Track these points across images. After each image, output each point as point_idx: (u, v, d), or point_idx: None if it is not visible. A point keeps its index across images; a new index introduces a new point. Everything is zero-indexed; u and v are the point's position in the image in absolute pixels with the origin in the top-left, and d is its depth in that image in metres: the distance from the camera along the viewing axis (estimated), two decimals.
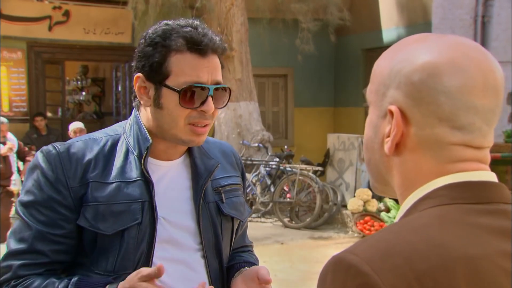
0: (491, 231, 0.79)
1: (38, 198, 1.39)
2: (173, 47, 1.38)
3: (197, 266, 1.49)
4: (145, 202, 1.42)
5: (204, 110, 1.40)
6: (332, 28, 9.83)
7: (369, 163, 0.93)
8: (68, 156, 1.42)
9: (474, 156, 0.84)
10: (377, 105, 0.89)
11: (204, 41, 1.39)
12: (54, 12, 10.60)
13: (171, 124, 1.41)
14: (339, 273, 0.77)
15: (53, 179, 1.39)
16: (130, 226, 1.40)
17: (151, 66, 1.40)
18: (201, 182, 1.50)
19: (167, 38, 1.39)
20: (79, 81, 15.29)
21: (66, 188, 1.39)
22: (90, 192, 1.40)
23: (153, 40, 1.40)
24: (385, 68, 0.88)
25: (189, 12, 8.90)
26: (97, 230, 1.39)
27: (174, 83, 1.39)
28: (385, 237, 0.79)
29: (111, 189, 1.41)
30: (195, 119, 1.41)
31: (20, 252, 1.38)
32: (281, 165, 8.55)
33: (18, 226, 1.41)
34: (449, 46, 0.84)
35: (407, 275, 0.74)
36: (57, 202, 1.39)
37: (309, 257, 6.58)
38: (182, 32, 1.39)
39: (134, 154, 1.45)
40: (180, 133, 1.42)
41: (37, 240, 1.38)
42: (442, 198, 0.82)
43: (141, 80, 1.43)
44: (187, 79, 1.38)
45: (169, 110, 1.40)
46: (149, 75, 1.41)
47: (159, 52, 1.39)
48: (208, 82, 1.40)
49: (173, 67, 1.38)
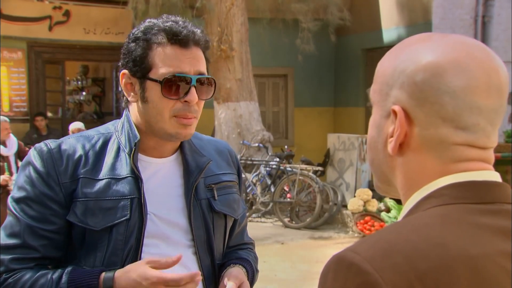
0: (493, 231, 0.79)
1: (30, 194, 1.41)
2: (154, 40, 1.42)
3: (189, 263, 1.50)
4: (134, 198, 1.43)
5: (188, 101, 1.42)
6: (332, 28, 9.83)
7: (372, 163, 0.93)
8: (59, 152, 1.44)
9: (478, 156, 0.84)
10: (381, 105, 0.89)
11: (183, 32, 1.42)
12: (54, 12, 10.61)
13: (157, 117, 1.43)
14: (340, 271, 0.77)
15: (44, 174, 1.41)
16: (118, 222, 1.41)
17: (134, 61, 1.43)
18: (192, 179, 1.51)
19: (148, 33, 1.43)
20: (79, 81, 15.28)
21: (57, 184, 1.41)
22: (80, 188, 1.42)
23: (136, 36, 1.44)
24: (389, 67, 0.88)
25: (189, 12, 8.90)
26: (86, 226, 1.41)
27: (156, 75, 1.41)
28: (387, 236, 0.79)
29: (100, 186, 1.43)
30: (180, 111, 1.43)
31: (11, 246, 1.40)
32: (281, 165, 8.55)
33: (9, 222, 1.42)
34: (452, 46, 0.84)
35: (408, 274, 0.74)
36: (49, 197, 1.41)
37: (309, 257, 6.58)
38: (162, 26, 1.43)
39: (125, 151, 1.47)
40: (166, 126, 1.44)
41: (28, 235, 1.40)
42: (444, 197, 0.82)
43: (126, 77, 1.47)
44: (169, 70, 1.41)
45: (154, 103, 1.43)
46: (132, 70, 1.44)
47: (141, 46, 1.42)
48: (190, 72, 1.42)
49: (155, 60, 1.41)
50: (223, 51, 8.82)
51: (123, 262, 1.42)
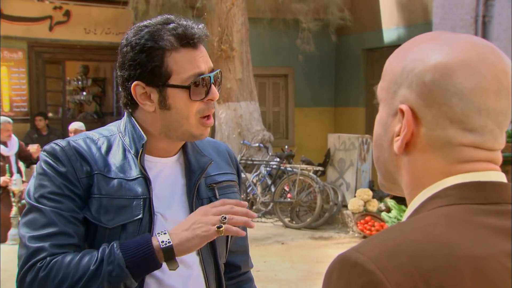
0: (498, 232, 0.79)
1: (51, 189, 1.39)
2: (167, 47, 1.40)
3: (192, 263, 1.51)
4: (146, 199, 1.44)
5: (211, 99, 1.45)
6: (333, 28, 9.83)
7: (377, 161, 0.93)
8: (71, 150, 1.43)
9: (484, 157, 0.84)
10: (388, 103, 0.88)
11: (193, 34, 1.42)
12: (54, 12, 10.61)
13: (182, 121, 1.44)
14: (344, 271, 0.76)
15: (63, 170, 1.40)
16: (131, 221, 1.41)
17: (151, 72, 1.41)
18: (194, 178, 1.52)
19: (158, 40, 1.40)
20: (79, 81, 15.26)
21: (76, 179, 1.40)
22: (96, 184, 1.41)
23: (144, 46, 1.41)
24: (397, 66, 0.87)
25: (189, 12, 8.90)
26: (99, 223, 1.40)
27: (179, 81, 1.41)
28: (392, 236, 0.79)
29: (113, 184, 1.43)
30: (204, 111, 1.45)
31: (48, 235, 1.36)
32: (281, 165, 8.54)
33: (34, 217, 1.38)
34: (462, 47, 0.83)
35: (413, 274, 0.73)
36: (70, 190, 1.40)
37: (309, 257, 6.58)
38: (169, 30, 1.42)
39: (131, 152, 1.47)
40: (191, 128, 1.45)
41: (61, 222, 1.36)
42: (450, 198, 0.82)
43: (140, 87, 1.44)
44: (190, 73, 1.41)
45: (178, 109, 1.43)
46: (149, 80, 1.42)
47: (156, 56, 1.40)
48: (206, 71, 1.44)
49: (173, 66, 1.41)
50: (223, 51, 8.82)
51: None
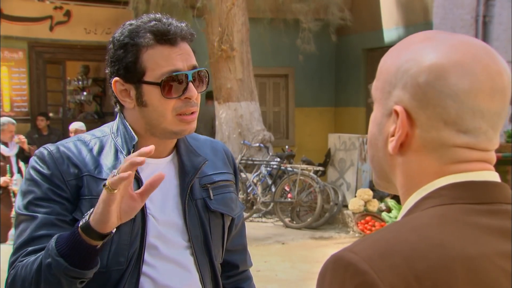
0: (491, 231, 0.79)
1: (37, 194, 1.40)
2: (142, 44, 1.41)
3: (187, 264, 1.50)
4: None
5: (188, 97, 1.42)
6: (333, 28, 9.82)
7: (372, 160, 0.93)
8: (60, 154, 1.44)
9: (478, 157, 0.84)
10: (382, 102, 0.88)
11: (170, 30, 1.41)
12: (55, 12, 10.62)
13: (160, 119, 1.43)
14: (338, 271, 0.77)
15: (49, 175, 1.41)
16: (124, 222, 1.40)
17: (126, 68, 1.42)
18: (187, 179, 1.51)
19: (134, 37, 1.41)
20: (80, 81, 15.26)
21: (63, 182, 1.41)
22: (86, 185, 1.42)
23: (122, 42, 1.43)
24: (392, 66, 0.87)
25: (190, 12, 8.90)
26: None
27: (152, 78, 1.41)
28: (385, 236, 0.79)
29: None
30: (181, 108, 1.43)
31: (33, 238, 1.36)
32: (282, 165, 8.54)
33: (23, 226, 1.39)
34: (456, 47, 0.83)
35: (406, 274, 0.74)
36: (57, 194, 1.40)
37: (310, 257, 6.57)
38: (147, 27, 1.42)
39: (123, 153, 1.46)
40: (170, 126, 1.44)
41: (49, 227, 1.37)
42: (443, 198, 0.82)
43: (119, 84, 1.45)
44: (164, 70, 1.40)
45: (154, 106, 1.42)
46: (126, 77, 1.43)
47: (131, 52, 1.41)
48: (184, 68, 1.42)
49: (148, 63, 1.40)
50: (223, 51, 8.82)
51: (128, 263, 1.42)
